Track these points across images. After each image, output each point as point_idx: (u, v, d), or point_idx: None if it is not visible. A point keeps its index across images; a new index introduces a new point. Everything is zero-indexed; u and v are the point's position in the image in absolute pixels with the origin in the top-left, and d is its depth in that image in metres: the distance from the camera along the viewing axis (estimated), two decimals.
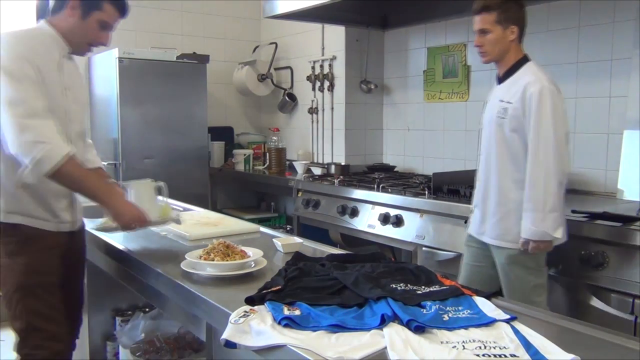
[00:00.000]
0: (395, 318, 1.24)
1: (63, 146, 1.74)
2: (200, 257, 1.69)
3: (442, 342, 1.16)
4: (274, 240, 2.02)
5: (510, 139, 2.21)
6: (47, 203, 1.89)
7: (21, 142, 1.70)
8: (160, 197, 2.07)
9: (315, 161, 4.52)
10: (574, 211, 2.41)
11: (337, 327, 1.20)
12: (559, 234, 2.12)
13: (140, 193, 1.96)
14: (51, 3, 1.96)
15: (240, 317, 1.26)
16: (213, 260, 1.66)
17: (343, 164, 4.10)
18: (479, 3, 2.25)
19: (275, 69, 4.92)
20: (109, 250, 2.10)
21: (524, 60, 2.28)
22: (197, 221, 2.40)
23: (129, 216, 1.85)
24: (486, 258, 2.34)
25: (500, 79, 2.32)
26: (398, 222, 3.01)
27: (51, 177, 1.74)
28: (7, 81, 1.72)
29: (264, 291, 1.40)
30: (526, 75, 2.21)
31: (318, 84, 4.50)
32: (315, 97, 4.56)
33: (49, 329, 1.89)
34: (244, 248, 1.76)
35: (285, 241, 2.00)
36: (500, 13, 2.21)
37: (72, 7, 1.91)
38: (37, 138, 1.70)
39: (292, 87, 4.84)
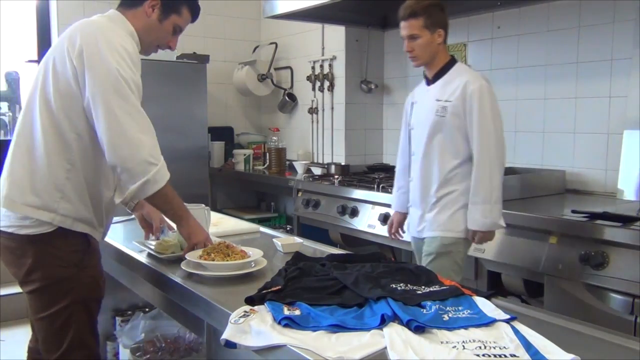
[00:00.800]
0: (395, 318, 1.24)
1: (166, 169, 1.69)
2: (200, 257, 1.69)
3: (442, 342, 1.16)
4: (274, 240, 2.02)
5: (450, 136, 2.28)
6: (100, 211, 1.81)
7: (135, 160, 1.61)
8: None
9: (315, 161, 4.52)
10: (574, 211, 2.41)
11: (337, 327, 1.20)
12: (503, 223, 2.27)
13: (197, 218, 1.90)
14: None
15: (240, 317, 1.26)
16: (213, 260, 1.66)
17: (343, 164, 4.10)
18: (405, 10, 2.29)
19: (275, 69, 4.92)
20: (109, 250, 2.10)
21: (453, 61, 2.37)
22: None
23: (202, 236, 1.80)
24: None
25: (430, 81, 2.38)
26: None
27: (148, 197, 1.68)
28: (125, 90, 1.62)
29: (264, 291, 1.40)
30: (461, 74, 2.30)
31: (318, 84, 4.49)
32: (315, 97, 4.55)
33: (93, 348, 1.80)
34: (244, 248, 1.76)
35: (285, 241, 2.00)
36: (427, 18, 2.26)
37: (151, 5, 1.79)
38: (150, 158, 1.63)
39: (292, 87, 4.84)
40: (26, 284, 1.73)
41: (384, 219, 3.07)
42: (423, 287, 1.44)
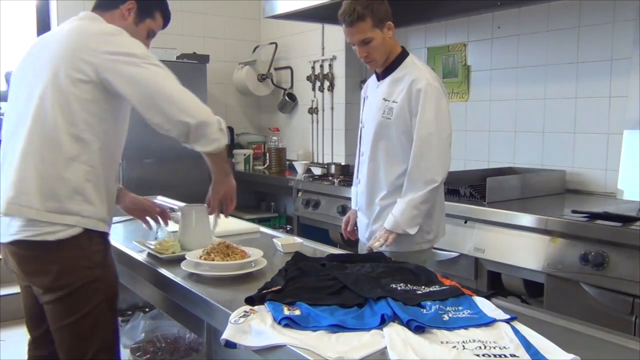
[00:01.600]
0: (395, 318, 1.24)
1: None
2: (200, 257, 1.69)
3: (442, 342, 1.16)
4: (274, 240, 2.02)
5: (397, 140, 2.15)
6: (112, 207, 1.81)
7: (207, 114, 1.72)
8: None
9: (315, 161, 4.52)
10: (574, 211, 2.41)
11: (337, 327, 1.20)
12: (413, 231, 2.10)
13: (199, 218, 1.94)
14: None
15: (240, 317, 1.26)
16: (213, 260, 1.66)
17: (343, 164, 4.10)
18: (348, 15, 2.10)
19: (275, 69, 4.92)
20: None
21: (404, 54, 2.21)
22: None
23: (233, 185, 1.95)
24: None
25: (380, 76, 2.24)
26: None
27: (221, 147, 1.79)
28: (154, 60, 1.68)
29: (264, 291, 1.40)
30: (410, 72, 2.13)
31: (318, 84, 4.50)
32: (315, 97, 4.56)
33: (116, 352, 1.78)
34: (244, 248, 1.76)
35: (285, 241, 2.00)
36: (373, 17, 2.09)
37: (128, 8, 1.83)
38: (211, 115, 1.75)
39: (292, 87, 4.84)
40: (54, 290, 1.67)
41: None
42: (423, 287, 1.44)
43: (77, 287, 1.66)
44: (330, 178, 3.76)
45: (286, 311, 1.26)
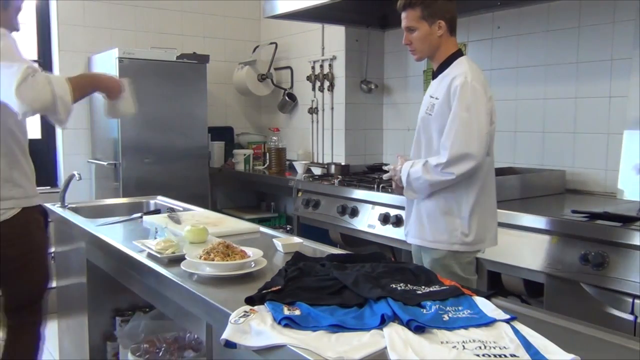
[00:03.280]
0: (395, 318, 1.24)
1: (50, 75, 1.92)
2: (200, 257, 1.69)
3: (442, 342, 1.16)
4: (274, 240, 2.02)
5: (436, 137, 2.13)
6: (34, 179, 2.23)
7: (29, 95, 1.85)
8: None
9: (315, 161, 4.52)
10: (574, 211, 2.41)
11: (337, 327, 1.20)
12: (410, 196, 2.18)
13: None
14: None
15: (240, 317, 1.26)
16: (213, 260, 1.66)
17: (343, 164, 4.10)
18: (402, 1, 2.16)
19: (275, 69, 4.93)
20: (109, 250, 2.10)
21: (457, 54, 2.18)
22: (197, 221, 2.40)
23: (116, 82, 2.21)
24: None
25: (434, 75, 2.24)
26: (398, 222, 3.00)
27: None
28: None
29: (264, 291, 1.40)
30: (454, 70, 2.12)
31: (318, 84, 4.50)
32: (315, 97, 4.56)
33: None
34: (244, 248, 1.76)
35: (285, 241, 2.00)
36: (424, 9, 2.11)
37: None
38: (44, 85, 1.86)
39: (292, 87, 4.84)
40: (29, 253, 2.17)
41: (384, 219, 3.07)
42: (423, 287, 1.44)
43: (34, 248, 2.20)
44: (330, 178, 3.76)
45: (286, 311, 1.26)
